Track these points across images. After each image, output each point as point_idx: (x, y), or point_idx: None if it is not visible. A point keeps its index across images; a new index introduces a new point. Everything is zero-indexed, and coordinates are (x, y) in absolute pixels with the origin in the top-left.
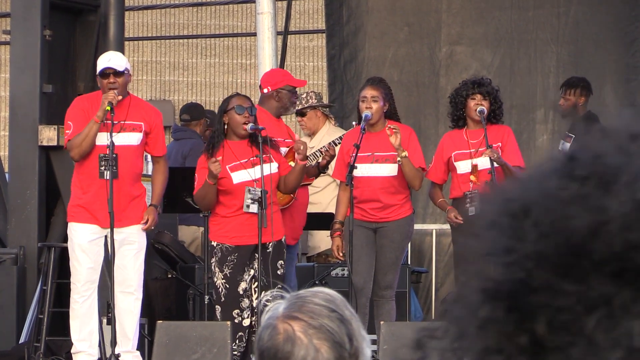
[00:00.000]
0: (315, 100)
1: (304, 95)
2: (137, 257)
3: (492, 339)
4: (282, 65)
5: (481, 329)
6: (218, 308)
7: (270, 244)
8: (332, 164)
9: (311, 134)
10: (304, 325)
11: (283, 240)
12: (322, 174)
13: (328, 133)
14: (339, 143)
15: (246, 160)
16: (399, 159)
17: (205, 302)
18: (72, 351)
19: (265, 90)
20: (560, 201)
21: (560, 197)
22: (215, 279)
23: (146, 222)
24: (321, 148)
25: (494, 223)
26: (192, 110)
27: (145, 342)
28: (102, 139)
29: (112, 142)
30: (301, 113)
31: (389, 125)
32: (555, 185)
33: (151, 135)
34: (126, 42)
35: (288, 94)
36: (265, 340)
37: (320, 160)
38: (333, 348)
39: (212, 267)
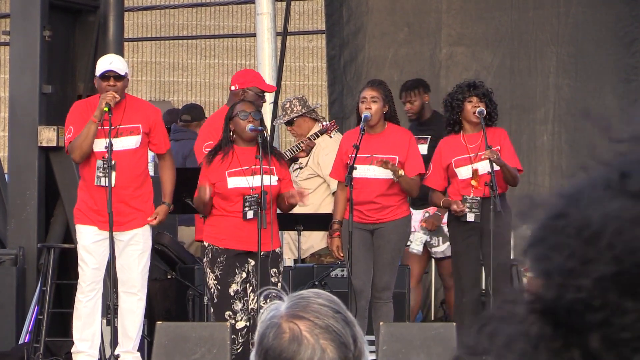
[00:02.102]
0: (300, 107)
1: (288, 105)
2: (141, 258)
3: (543, 355)
4: (281, 65)
5: (534, 347)
6: (211, 309)
7: (263, 253)
8: (329, 163)
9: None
10: (310, 325)
11: (278, 251)
12: (294, 163)
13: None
14: (316, 138)
15: (247, 167)
16: (396, 179)
17: (205, 303)
18: (72, 350)
19: (232, 88)
20: (630, 222)
21: (629, 219)
22: (208, 280)
23: (155, 218)
24: (300, 143)
25: (562, 245)
26: (193, 111)
27: (145, 343)
28: (100, 145)
29: (110, 144)
30: (289, 122)
31: (377, 160)
32: (619, 206)
33: (152, 134)
34: (125, 43)
35: (254, 95)
36: (270, 339)
37: (298, 153)
38: (338, 349)
39: (204, 267)
